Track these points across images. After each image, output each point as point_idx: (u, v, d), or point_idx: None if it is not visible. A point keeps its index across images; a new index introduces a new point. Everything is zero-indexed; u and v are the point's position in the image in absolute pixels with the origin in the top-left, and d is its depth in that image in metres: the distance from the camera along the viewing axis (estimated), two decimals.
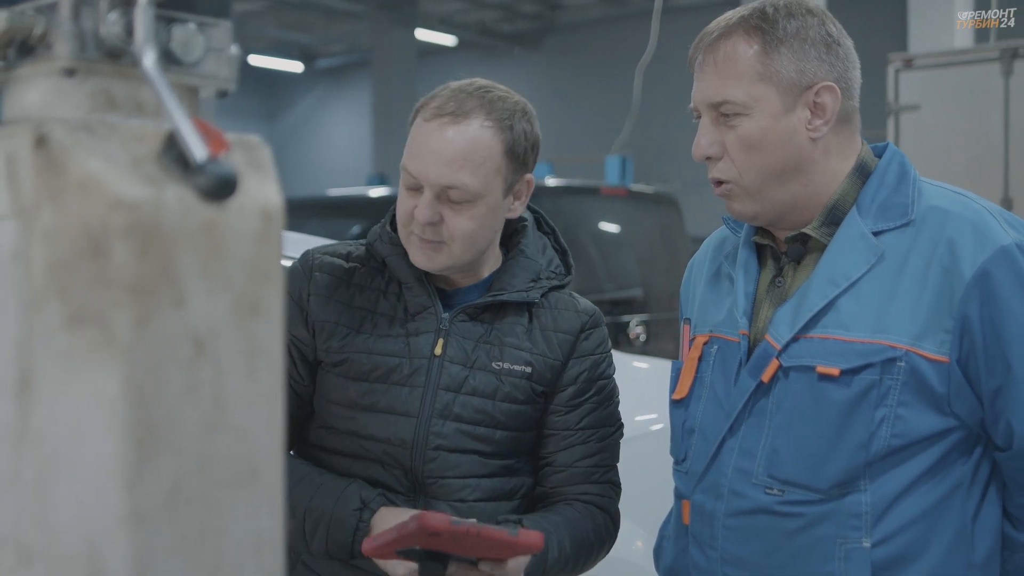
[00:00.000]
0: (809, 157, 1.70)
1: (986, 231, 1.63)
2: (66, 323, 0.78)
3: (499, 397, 1.89)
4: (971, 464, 1.68)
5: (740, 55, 1.68)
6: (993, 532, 1.71)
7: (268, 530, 0.85)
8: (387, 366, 1.88)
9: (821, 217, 1.73)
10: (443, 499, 1.86)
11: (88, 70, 0.83)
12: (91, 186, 0.77)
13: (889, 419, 1.63)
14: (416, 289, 1.92)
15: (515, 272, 1.95)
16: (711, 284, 1.90)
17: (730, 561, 1.74)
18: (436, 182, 1.81)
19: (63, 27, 0.81)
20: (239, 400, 0.83)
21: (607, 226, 7.09)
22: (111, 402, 0.77)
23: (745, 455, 1.73)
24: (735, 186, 1.72)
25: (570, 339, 1.96)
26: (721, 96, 1.69)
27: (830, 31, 1.71)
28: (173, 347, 0.79)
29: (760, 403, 1.72)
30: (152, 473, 0.78)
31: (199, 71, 0.88)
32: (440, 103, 1.84)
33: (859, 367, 1.63)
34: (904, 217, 1.68)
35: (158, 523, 0.79)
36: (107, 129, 0.81)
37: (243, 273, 0.83)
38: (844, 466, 1.65)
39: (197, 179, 0.77)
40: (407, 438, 1.86)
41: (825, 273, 1.69)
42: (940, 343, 1.62)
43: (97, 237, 0.77)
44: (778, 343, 1.70)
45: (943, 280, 1.62)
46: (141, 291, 0.77)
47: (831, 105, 1.69)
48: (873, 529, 1.65)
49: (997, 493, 1.72)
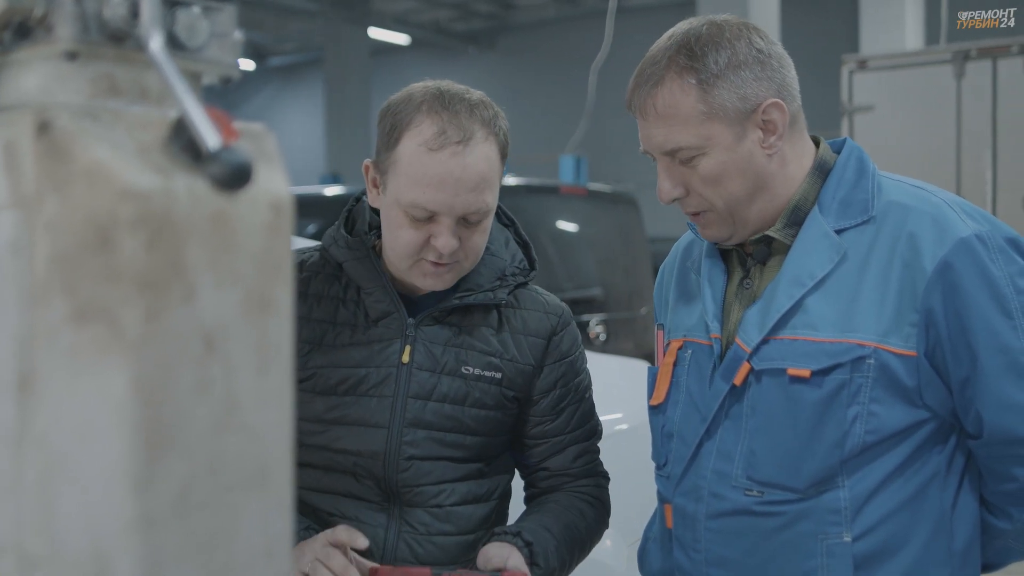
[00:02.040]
0: (769, 172, 1.71)
1: (945, 224, 1.65)
2: (71, 319, 0.74)
3: (469, 403, 1.85)
4: (946, 454, 1.70)
5: (680, 102, 1.68)
6: (971, 520, 1.73)
7: (279, 533, 0.82)
8: (354, 378, 1.83)
9: (784, 219, 1.74)
10: (419, 506, 1.83)
11: (90, 54, 0.79)
12: (98, 175, 0.73)
13: (862, 416, 1.64)
14: (378, 295, 1.86)
15: (480, 271, 1.90)
16: (681, 289, 1.91)
17: (714, 562, 1.74)
18: (462, 211, 1.75)
19: (65, 8, 0.77)
20: (250, 398, 0.80)
21: (566, 225, 7.08)
22: (119, 402, 0.73)
23: (723, 458, 1.73)
24: (711, 212, 1.73)
25: (541, 343, 1.92)
26: (673, 144, 1.69)
27: (758, 46, 1.70)
28: (183, 343, 0.76)
29: (735, 406, 1.73)
30: (161, 475, 0.75)
31: (203, 56, 0.85)
32: (439, 128, 1.74)
33: (829, 367, 1.64)
34: (865, 214, 1.69)
35: (168, 527, 0.75)
36: (111, 116, 0.77)
37: (253, 266, 0.79)
38: (821, 465, 1.66)
39: (211, 168, 0.73)
40: (378, 449, 1.81)
41: (790, 274, 1.70)
42: (907, 337, 1.63)
43: (104, 228, 0.73)
44: (748, 346, 1.70)
45: (905, 275, 1.64)
46: (150, 285, 0.74)
47: (780, 120, 1.70)
48: (853, 524, 1.66)
49: (973, 481, 1.74)
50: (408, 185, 1.76)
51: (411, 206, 1.76)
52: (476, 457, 1.88)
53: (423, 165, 1.75)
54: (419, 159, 1.75)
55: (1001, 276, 1.63)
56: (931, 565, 1.69)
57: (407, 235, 1.78)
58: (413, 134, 1.76)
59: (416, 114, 1.77)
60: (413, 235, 1.78)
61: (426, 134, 1.75)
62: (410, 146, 1.76)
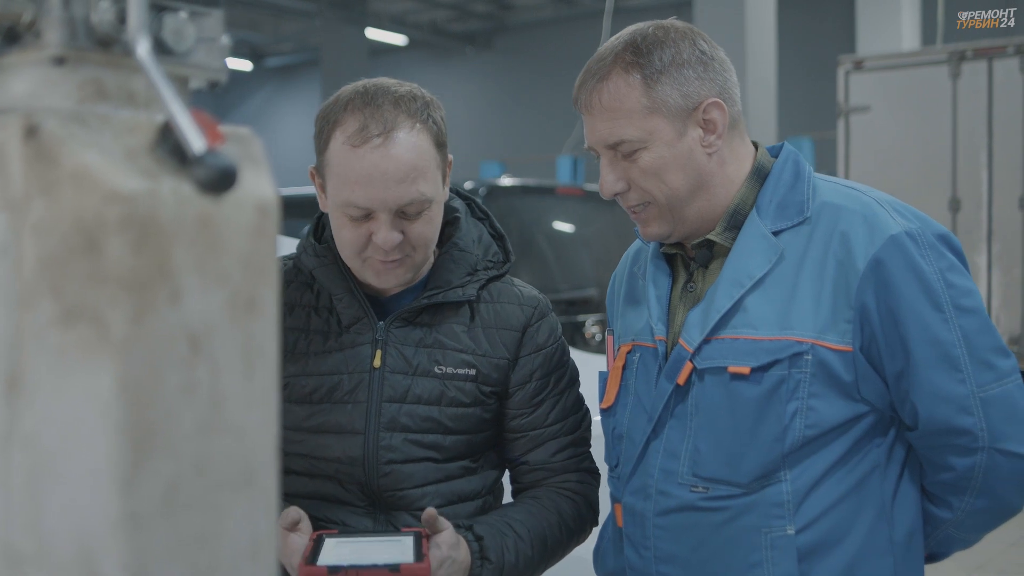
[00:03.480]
0: (709, 171, 1.76)
1: (876, 222, 1.69)
2: (58, 320, 0.75)
3: (444, 402, 1.84)
4: (886, 446, 1.75)
5: (624, 95, 1.73)
6: (912, 510, 1.77)
7: (265, 533, 0.83)
8: (328, 385, 1.83)
9: (724, 222, 1.78)
10: (403, 509, 1.83)
11: (78, 59, 0.80)
12: (85, 178, 0.74)
13: (802, 411, 1.69)
14: (347, 300, 1.85)
15: (449, 268, 1.90)
16: (629, 295, 1.95)
17: (663, 559, 1.78)
18: (395, 204, 1.74)
19: (53, 13, 0.78)
20: (236, 400, 0.80)
21: (562, 226, 7.09)
22: (105, 402, 0.74)
23: (669, 456, 1.77)
24: (652, 206, 1.77)
25: (515, 335, 1.91)
26: (616, 137, 1.74)
27: (702, 48, 1.76)
28: (169, 345, 0.76)
29: (680, 405, 1.77)
30: (148, 475, 0.76)
31: (190, 61, 0.85)
32: (360, 124, 1.74)
33: (768, 364, 1.69)
34: (800, 215, 1.74)
35: (154, 526, 0.76)
36: (99, 120, 0.78)
37: (239, 268, 0.80)
38: (762, 459, 1.70)
39: (196, 171, 0.74)
40: (357, 455, 1.81)
41: (730, 275, 1.74)
42: (843, 333, 1.68)
43: (91, 231, 0.74)
44: (690, 346, 1.75)
45: (839, 273, 1.68)
46: (136, 287, 0.75)
47: (720, 119, 1.75)
48: (795, 516, 1.70)
49: (914, 472, 1.78)
50: (339, 185, 1.76)
51: (345, 205, 1.76)
52: (459, 455, 1.87)
53: (348, 162, 1.75)
54: (345, 157, 1.75)
55: (931, 271, 1.68)
56: (873, 555, 1.73)
57: (348, 234, 1.78)
58: (338, 133, 1.77)
59: (341, 113, 1.78)
60: (354, 234, 1.78)
61: (349, 131, 1.75)
62: (337, 145, 1.77)
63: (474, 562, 1.77)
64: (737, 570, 1.73)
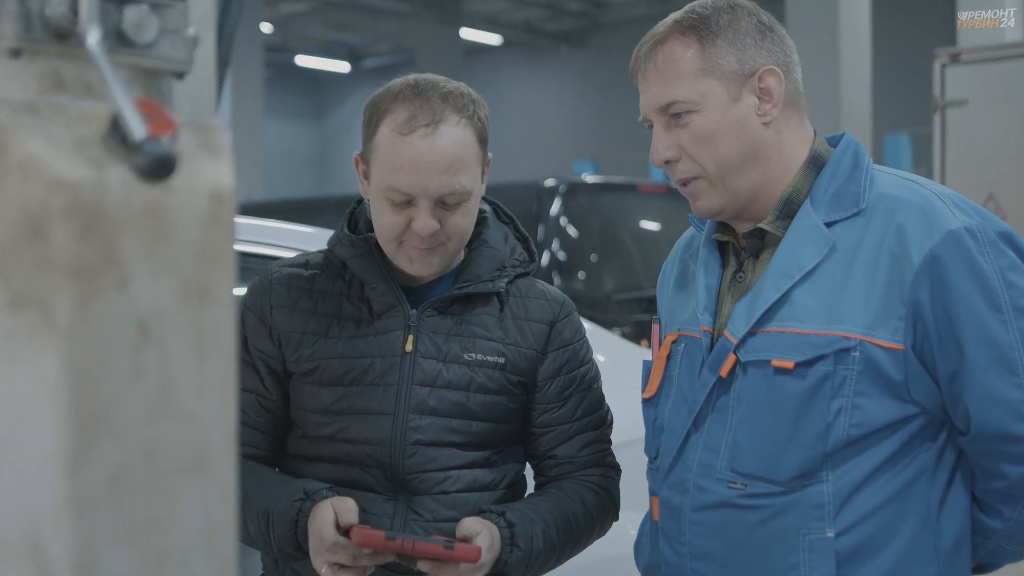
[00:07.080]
0: (764, 141, 1.72)
1: (934, 216, 1.63)
2: (6, 306, 0.77)
3: (473, 388, 1.88)
4: (935, 450, 1.68)
5: (679, 55, 1.71)
6: (960, 518, 1.70)
7: (219, 519, 0.84)
8: (360, 368, 1.87)
9: (776, 211, 1.73)
10: (424, 493, 1.86)
11: (34, 51, 0.82)
12: (31, 167, 0.76)
13: (847, 409, 1.63)
14: (381, 288, 1.90)
15: (480, 263, 1.95)
16: (678, 283, 1.92)
17: (698, 556, 1.74)
18: (436, 193, 1.80)
19: (7, 6, 0.80)
20: (188, 386, 0.81)
21: (646, 224, 7.04)
22: (52, 387, 0.76)
23: (709, 450, 1.73)
24: (701, 179, 1.73)
25: (544, 328, 1.96)
26: (668, 98, 1.71)
27: (762, 19, 1.74)
28: (116, 331, 0.78)
29: (722, 398, 1.73)
30: (95, 459, 0.77)
31: (154, 53, 0.87)
32: (409, 114, 1.81)
33: (812, 359, 1.63)
34: (855, 206, 1.69)
35: (102, 510, 0.77)
36: (52, 110, 0.79)
37: (191, 256, 0.81)
38: (803, 457, 1.65)
39: (134, 158, 0.75)
40: (385, 436, 1.85)
41: (779, 266, 1.70)
42: (894, 331, 1.62)
43: (37, 219, 0.76)
44: (735, 338, 1.71)
45: (893, 267, 1.62)
46: (82, 274, 0.76)
47: (776, 88, 1.71)
48: (836, 519, 1.65)
49: (964, 479, 1.71)
50: (384, 170, 1.82)
51: (388, 190, 1.82)
52: (483, 444, 1.90)
53: (396, 148, 1.81)
54: (392, 143, 1.82)
55: (990, 269, 1.60)
56: (916, 563, 1.66)
57: (389, 219, 1.84)
58: (388, 121, 1.83)
59: (392, 103, 1.84)
60: (394, 219, 1.83)
61: (398, 120, 1.82)
62: (385, 132, 1.83)
63: (504, 548, 1.81)
64: (773, 572, 1.68)
